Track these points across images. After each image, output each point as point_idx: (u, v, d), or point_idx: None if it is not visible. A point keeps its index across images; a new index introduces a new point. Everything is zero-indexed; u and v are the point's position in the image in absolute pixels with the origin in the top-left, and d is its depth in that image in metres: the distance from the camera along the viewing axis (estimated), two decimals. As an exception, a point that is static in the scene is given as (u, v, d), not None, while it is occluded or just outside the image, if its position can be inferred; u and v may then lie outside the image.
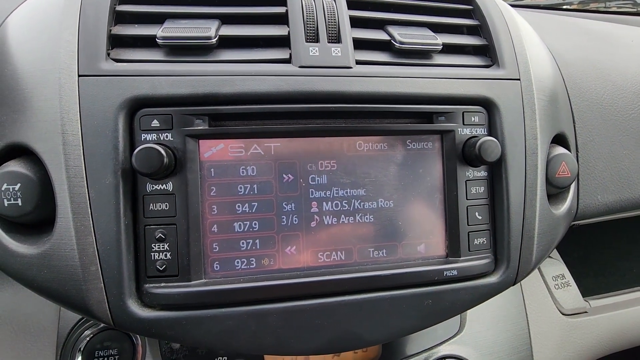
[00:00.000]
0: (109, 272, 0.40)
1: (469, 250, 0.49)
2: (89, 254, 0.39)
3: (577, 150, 0.61)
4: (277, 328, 0.42)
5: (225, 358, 0.53)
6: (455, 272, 0.47)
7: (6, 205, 0.41)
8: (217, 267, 0.43)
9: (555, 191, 0.55)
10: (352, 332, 0.44)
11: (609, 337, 0.73)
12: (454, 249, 0.48)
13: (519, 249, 0.49)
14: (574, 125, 0.61)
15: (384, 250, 0.47)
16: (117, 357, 0.53)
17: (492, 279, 0.49)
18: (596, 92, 0.65)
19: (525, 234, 0.49)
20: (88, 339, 0.53)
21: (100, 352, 0.53)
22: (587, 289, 0.79)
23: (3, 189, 0.40)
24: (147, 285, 0.41)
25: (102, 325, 0.54)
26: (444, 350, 0.59)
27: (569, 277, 0.76)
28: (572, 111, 0.61)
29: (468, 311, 0.62)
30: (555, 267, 0.76)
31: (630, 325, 0.75)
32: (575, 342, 0.70)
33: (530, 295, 0.69)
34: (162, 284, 0.41)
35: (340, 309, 0.44)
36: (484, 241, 0.49)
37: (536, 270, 0.73)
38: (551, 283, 0.74)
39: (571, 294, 0.74)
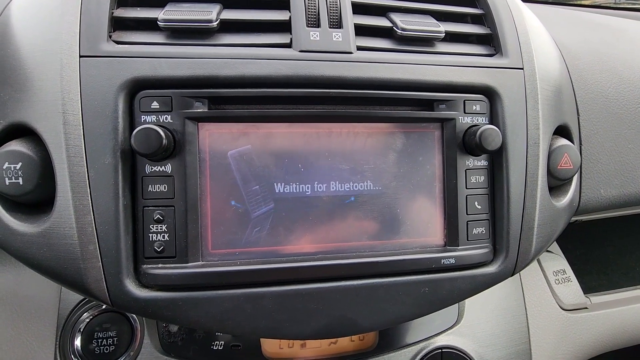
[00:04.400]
0: (107, 252, 0.40)
1: (468, 240, 0.48)
2: (88, 233, 0.40)
3: (580, 143, 0.60)
4: (272, 311, 0.42)
5: (222, 342, 0.54)
6: (453, 261, 0.46)
7: (7, 183, 0.41)
8: (214, 249, 0.43)
9: (557, 183, 0.55)
10: (348, 318, 0.44)
11: (609, 334, 0.73)
12: (452, 238, 0.48)
13: (518, 239, 0.49)
14: (578, 118, 0.61)
15: (382, 237, 0.47)
16: (115, 338, 0.54)
17: (491, 269, 0.48)
18: (602, 84, 0.64)
19: (525, 224, 0.49)
20: (88, 320, 0.54)
21: (99, 333, 0.54)
22: (589, 287, 0.79)
23: (4, 167, 0.41)
24: (144, 265, 0.42)
25: (102, 307, 0.55)
26: (440, 340, 0.58)
27: (570, 272, 0.75)
28: (576, 103, 0.61)
29: (466, 302, 0.62)
30: (556, 262, 0.75)
31: (631, 322, 0.75)
32: (575, 338, 0.69)
33: (530, 289, 0.69)
34: (160, 265, 0.42)
35: (336, 294, 0.44)
36: (482, 231, 0.49)
37: (536, 265, 0.73)
38: (552, 278, 0.73)
39: (571, 289, 0.73)
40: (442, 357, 0.57)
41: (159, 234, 0.42)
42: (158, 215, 0.42)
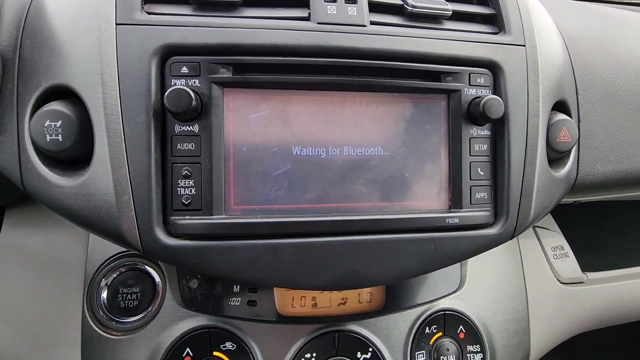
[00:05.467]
0: (140, 202, 0.44)
1: (471, 204, 0.52)
2: (123, 184, 0.43)
3: (578, 120, 0.63)
4: (289, 262, 0.46)
5: (239, 299, 0.57)
6: (456, 221, 0.50)
7: (48, 140, 0.45)
8: (236, 205, 0.47)
9: (555, 155, 0.58)
10: (358, 271, 0.48)
11: (604, 308, 0.76)
12: (456, 201, 0.52)
13: (517, 203, 0.52)
14: (577, 96, 0.64)
15: (390, 199, 0.50)
16: (139, 294, 0.57)
17: (492, 231, 0.52)
18: (600, 66, 0.67)
19: (525, 190, 0.53)
20: (113, 277, 0.58)
21: (123, 289, 0.57)
22: (586, 266, 0.82)
23: (46, 125, 0.44)
24: (173, 217, 0.46)
25: (125, 265, 0.58)
26: (443, 303, 0.62)
27: (567, 249, 0.78)
28: (575, 83, 0.64)
29: (468, 270, 0.65)
30: (555, 239, 0.79)
31: (626, 297, 0.78)
32: (571, 309, 0.73)
33: (529, 262, 0.72)
34: (187, 217, 0.45)
35: (347, 247, 0.47)
36: (484, 196, 0.53)
37: (535, 241, 0.76)
38: (550, 253, 0.77)
39: (569, 264, 0.77)
40: (445, 318, 0.61)
41: (186, 189, 0.46)
42: (186, 171, 0.46)
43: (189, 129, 0.46)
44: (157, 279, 0.58)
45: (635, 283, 0.78)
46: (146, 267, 0.58)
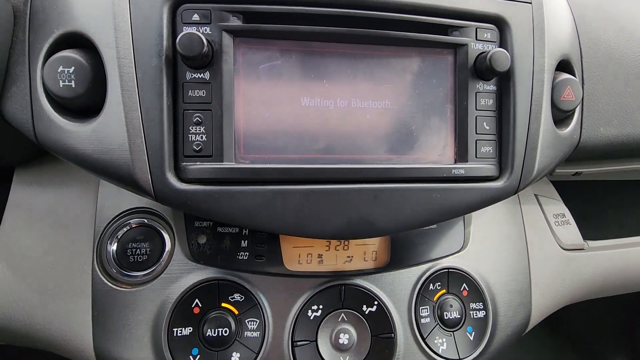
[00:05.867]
0: (152, 146, 0.45)
1: (476, 157, 0.53)
2: (135, 127, 0.44)
3: (582, 82, 0.64)
4: (299, 208, 0.47)
5: (247, 254, 0.58)
6: (462, 172, 0.51)
7: (61, 86, 0.45)
8: (246, 153, 0.48)
9: (560, 115, 0.59)
10: (366, 219, 0.49)
11: (606, 274, 0.77)
12: (462, 154, 0.52)
13: (522, 158, 0.53)
14: (581, 60, 0.65)
15: (397, 152, 0.51)
16: (148, 249, 0.58)
17: (496, 184, 0.53)
18: (605, 32, 0.68)
19: (529, 144, 0.53)
20: (123, 232, 0.58)
21: (133, 244, 0.58)
22: (586, 238, 0.83)
23: (59, 70, 0.45)
24: (184, 163, 0.46)
25: (135, 220, 0.59)
26: (447, 262, 0.63)
27: (569, 216, 0.79)
28: (580, 45, 0.65)
29: (471, 231, 0.66)
30: (557, 207, 0.79)
31: (628, 264, 0.79)
32: (572, 273, 0.74)
33: (531, 227, 0.73)
34: (198, 163, 0.46)
35: (356, 195, 0.48)
36: (489, 150, 0.53)
37: (537, 206, 0.77)
38: (552, 220, 0.78)
39: (570, 231, 0.78)
40: (449, 276, 0.62)
41: (197, 135, 0.46)
42: (197, 118, 0.46)
43: (200, 77, 0.46)
44: (166, 234, 0.59)
45: (637, 250, 0.79)
46: (155, 223, 0.59)
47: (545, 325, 2.09)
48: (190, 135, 0.46)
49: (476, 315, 0.62)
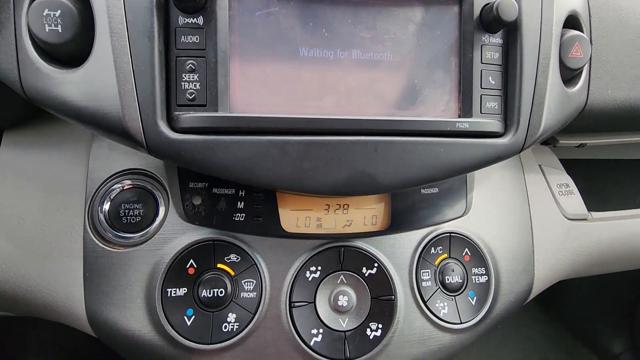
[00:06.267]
0: (143, 93, 0.43)
1: (481, 113, 0.51)
2: (125, 72, 0.42)
3: (591, 42, 0.62)
4: (297, 159, 0.45)
5: (244, 215, 0.56)
6: (466, 126, 0.49)
7: (47, 31, 0.43)
8: (242, 103, 0.46)
9: (567, 74, 0.57)
10: (367, 174, 0.47)
11: (609, 244, 0.76)
12: (466, 109, 0.51)
13: (528, 114, 0.51)
14: (590, 19, 0.62)
15: (400, 106, 0.49)
16: (141, 211, 0.56)
17: (501, 141, 0.51)
18: (614, -5, 0.66)
19: (536, 100, 0.51)
20: (115, 193, 0.57)
21: (126, 205, 0.56)
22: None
23: (44, 14, 0.43)
24: (177, 112, 0.44)
25: (128, 181, 0.57)
26: (448, 226, 0.61)
27: (573, 186, 0.78)
28: (588, 4, 0.62)
29: (474, 197, 0.65)
30: (560, 177, 0.78)
31: (630, 236, 0.78)
32: (576, 242, 0.73)
33: (534, 195, 0.71)
34: (192, 112, 0.44)
35: (357, 147, 0.46)
36: (495, 106, 0.52)
37: (541, 176, 0.75)
38: (555, 190, 0.76)
39: (574, 201, 0.76)
40: (451, 240, 0.60)
41: (190, 83, 0.44)
42: (190, 65, 0.44)
43: (193, 22, 0.44)
44: (160, 195, 0.57)
45: (640, 222, 0.78)
46: (148, 185, 0.57)
47: (543, 312, 2.10)
48: (183, 84, 0.44)
49: (478, 281, 0.61)
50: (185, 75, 0.44)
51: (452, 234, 0.61)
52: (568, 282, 2.02)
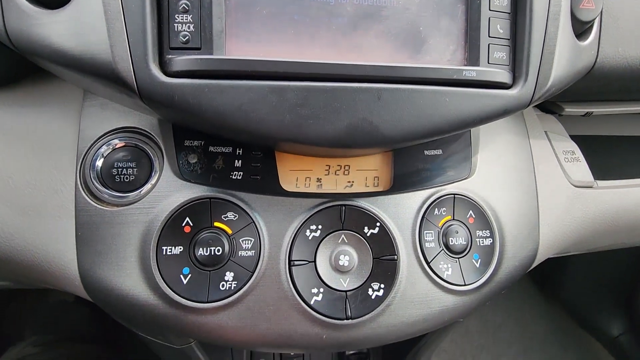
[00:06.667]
0: (134, 33, 0.40)
1: (489, 63, 0.49)
2: (114, 10, 0.40)
3: (602, -4, 0.60)
4: (297, 106, 0.43)
5: (241, 173, 0.54)
6: (474, 74, 0.47)
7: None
8: (238, 44, 0.43)
9: (578, 28, 0.55)
10: (369, 122, 0.45)
11: (615, 211, 0.74)
12: (473, 59, 0.48)
13: (537, 65, 0.49)
14: (601, -26, 0.60)
15: (404, 53, 0.47)
16: (135, 169, 0.54)
17: (510, 92, 0.49)
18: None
19: (546, 51, 0.49)
20: (108, 152, 0.54)
21: (119, 163, 0.54)
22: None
23: (27, -51, 0.40)
24: (169, 56, 0.42)
25: (121, 140, 0.55)
26: (452, 188, 0.60)
27: (579, 154, 0.76)
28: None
29: (478, 159, 0.63)
30: (566, 144, 0.76)
31: (636, 204, 0.76)
32: (582, 209, 0.71)
33: (540, 161, 0.69)
34: (185, 54, 0.42)
35: (359, 94, 0.44)
36: (503, 56, 0.49)
37: (547, 141, 0.74)
38: (561, 156, 0.74)
39: (580, 168, 0.74)
40: (455, 201, 0.59)
41: (184, 24, 0.42)
42: (183, 5, 0.42)
43: (187, -42, 0.42)
44: (153, 154, 0.55)
45: (647, 190, 0.76)
46: (141, 143, 0.55)
47: (541, 295, 2.10)
48: (176, 25, 0.42)
49: (482, 243, 0.59)
50: (178, 16, 0.42)
51: (456, 196, 0.59)
52: (567, 266, 2.02)
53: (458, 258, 0.57)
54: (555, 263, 2.02)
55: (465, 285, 0.56)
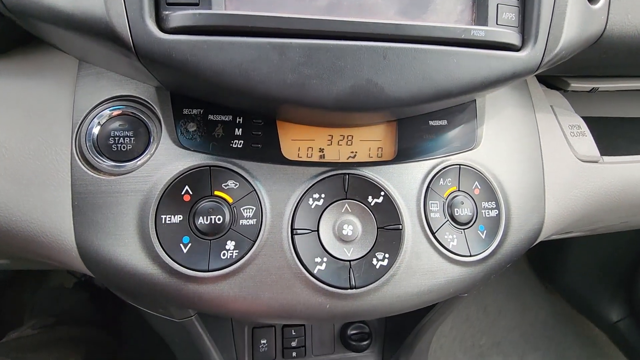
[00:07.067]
0: (129, -14, 0.39)
1: (497, 24, 0.47)
2: (108, -39, 0.38)
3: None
4: (299, 64, 0.41)
5: (242, 141, 0.53)
6: (482, 34, 0.45)
7: None
8: (238, 3, 0.42)
9: (587, -9, 0.53)
10: (375, 83, 0.43)
11: (622, 186, 0.73)
12: (481, 19, 0.47)
13: (547, 26, 0.48)
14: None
15: (409, 14, 0.46)
16: (132, 138, 0.53)
17: (519, 54, 0.47)
18: None
19: (556, 10, 0.48)
20: (104, 120, 0.53)
21: (115, 132, 0.53)
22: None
23: None
24: (166, 12, 0.40)
25: (117, 108, 0.54)
26: (458, 158, 0.58)
27: (584, 128, 0.75)
28: None
29: (484, 131, 0.61)
30: (572, 118, 0.75)
31: (642, 179, 0.75)
32: (588, 183, 0.70)
33: (546, 135, 0.68)
34: (183, 10, 0.40)
35: (364, 53, 0.42)
36: (512, 17, 0.48)
37: (552, 115, 0.72)
38: (567, 130, 0.73)
39: (586, 142, 0.73)
40: (460, 172, 0.57)
41: (181, -22, 0.40)
42: (181, -42, 0.40)
43: None
44: (151, 122, 0.53)
45: (653, 166, 0.75)
46: (138, 111, 0.53)
47: (541, 282, 2.10)
48: (173, -21, 0.40)
49: (488, 214, 0.58)
50: (175, -30, 0.40)
51: (461, 166, 0.58)
52: (566, 252, 2.01)
53: (463, 229, 0.56)
54: (554, 249, 2.02)
55: (470, 256, 0.55)
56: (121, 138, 0.53)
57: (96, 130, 0.52)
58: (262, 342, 0.85)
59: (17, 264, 0.80)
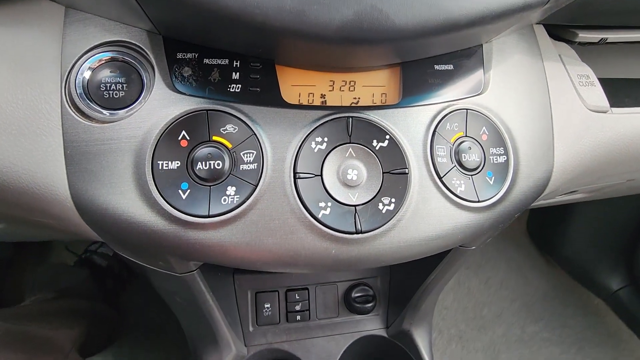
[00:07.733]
0: None
1: (507, -51, 0.45)
2: None
3: None
4: (299, -12, 0.39)
5: (240, 86, 0.51)
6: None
7: None
8: None
9: None
10: (379, 10, 0.41)
11: (630, 137, 0.72)
12: (491, -56, 0.44)
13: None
14: None
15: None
16: (124, 84, 0.50)
17: (530, -19, 0.45)
18: None
19: None
20: (96, 66, 0.50)
21: (106, 79, 0.50)
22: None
23: None
24: None
25: (107, 54, 0.51)
26: (464, 103, 0.56)
27: (594, 78, 0.72)
28: None
29: (491, 77, 0.59)
30: (581, 68, 0.72)
31: (652, 129, 0.73)
32: (597, 132, 0.68)
33: (554, 83, 0.66)
34: None
35: (368, -23, 0.40)
36: (523, -58, 0.45)
37: (561, 64, 0.70)
38: (576, 80, 0.70)
39: (595, 92, 0.71)
40: (467, 117, 0.55)
41: None
42: None
43: None
44: (144, 67, 0.51)
45: (663, 116, 0.73)
46: (130, 57, 0.51)
47: (542, 253, 2.10)
48: None
49: (496, 160, 0.56)
50: None
51: (468, 110, 0.56)
52: (566, 223, 2.00)
53: (471, 175, 0.54)
54: (554, 221, 2.02)
55: (479, 202, 0.54)
56: (113, 85, 0.51)
57: (87, 75, 0.50)
58: (266, 306, 0.84)
59: (14, 228, 0.78)
